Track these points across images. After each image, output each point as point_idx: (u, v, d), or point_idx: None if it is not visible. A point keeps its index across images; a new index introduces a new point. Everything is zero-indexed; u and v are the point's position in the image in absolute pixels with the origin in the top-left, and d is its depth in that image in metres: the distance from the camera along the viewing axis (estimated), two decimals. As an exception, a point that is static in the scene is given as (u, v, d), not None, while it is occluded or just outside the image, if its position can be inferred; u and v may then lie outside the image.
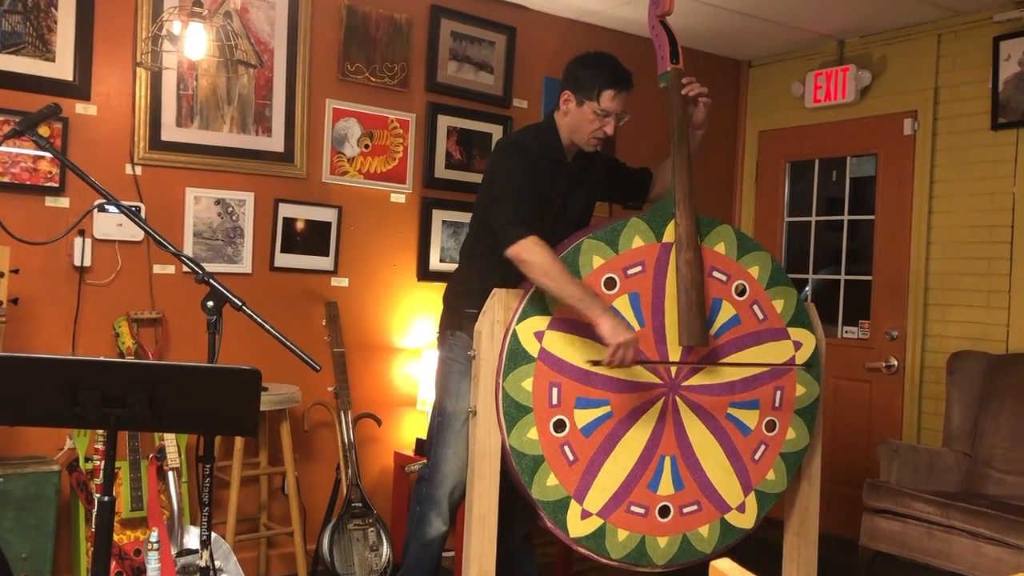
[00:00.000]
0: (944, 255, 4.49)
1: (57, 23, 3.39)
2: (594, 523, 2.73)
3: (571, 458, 2.70)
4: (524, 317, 2.65)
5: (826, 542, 3.44)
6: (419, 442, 4.06)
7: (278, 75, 3.88)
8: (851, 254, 4.97)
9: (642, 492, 2.78)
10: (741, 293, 2.93)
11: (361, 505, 3.74)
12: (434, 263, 4.34)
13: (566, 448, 2.69)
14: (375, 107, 4.14)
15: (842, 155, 5.00)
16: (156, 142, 3.59)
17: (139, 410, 1.88)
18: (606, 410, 2.74)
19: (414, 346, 4.28)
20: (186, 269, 2.54)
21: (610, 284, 2.73)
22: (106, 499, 1.96)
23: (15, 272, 3.11)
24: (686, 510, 2.85)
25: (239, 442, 3.51)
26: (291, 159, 3.92)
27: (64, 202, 3.42)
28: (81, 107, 3.45)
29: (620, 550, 2.77)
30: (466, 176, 4.38)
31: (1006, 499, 3.80)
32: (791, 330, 3.00)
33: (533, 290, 2.67)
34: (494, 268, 2.83)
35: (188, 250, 3.65)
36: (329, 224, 4.02)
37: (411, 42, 4.21)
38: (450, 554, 3.49)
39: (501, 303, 2.67)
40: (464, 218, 4.19)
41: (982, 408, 4.04)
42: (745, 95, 5.48)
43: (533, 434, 2.65)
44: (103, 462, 1.99)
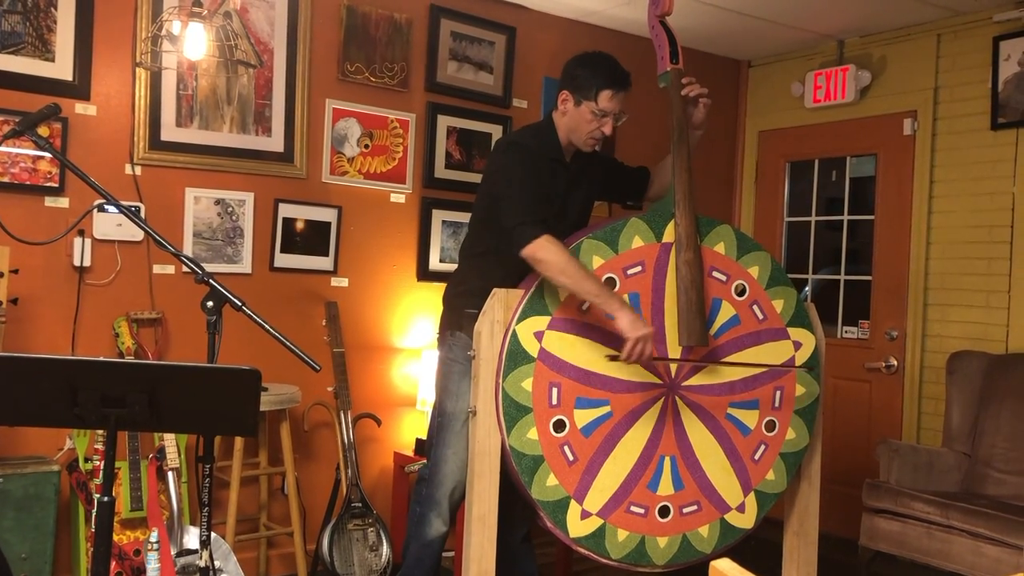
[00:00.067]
0: (944, 255, 4.49)
1: (57, 23, 3.39)
2: (594, 523, 2.73)
3: (571, 458, 2.70)
4: (524, 317, 2.65)
5: (826, 542, 3.43)
6: (419, 442, 4.06)
7: (278, 75, 3.88)
8: (851, 254, 4.97)
9: (642, 492, 2.78)
10: (741, 293, 2.92)
11: (361, 505, 3.74)
12: (434, 263, 4.34)
13: (566, 448, 2.69)
14: (375, 107, 4.14)
15: (842, 155, 5.00)
16: (156, 142, 3.59)
17: (139, 410, 1.88)
18: (606, 410, 2.74)
19: (414, 346, 4.27)
20: (186, 269, 2.53)
21: (610, 284, 2.73)
22: (106, 499, 1.96)
23: (15, 272, 3.11)
24: (686, 510, 2.85)
25: (239, 442, 3.51)
26: (291, 159, 3.92)
27: (64, 202, 3.42)
28: (81, 107, 3.45)
29: (620, 550, 2.77)
30: (466, 176, 4.38)
31: (1006, 499, 3.80)
32: (791, 330, 3.00)
33: (533, 290, 2.67)
34: (494, 268, 2.84)
35: (188, 250, 3.65)
36: (329, 224, 4.02)
37: (411, 42, 4.21)
38: (450, 554, 3.49)
39: (501, 303, 2.66)
40: (464, 218, 4.19)
41: (982, 408, 4.04)
42: (745, 95, 5.47)
43: (533, 434, 2.65)
44: (103, 462, 1.98)
